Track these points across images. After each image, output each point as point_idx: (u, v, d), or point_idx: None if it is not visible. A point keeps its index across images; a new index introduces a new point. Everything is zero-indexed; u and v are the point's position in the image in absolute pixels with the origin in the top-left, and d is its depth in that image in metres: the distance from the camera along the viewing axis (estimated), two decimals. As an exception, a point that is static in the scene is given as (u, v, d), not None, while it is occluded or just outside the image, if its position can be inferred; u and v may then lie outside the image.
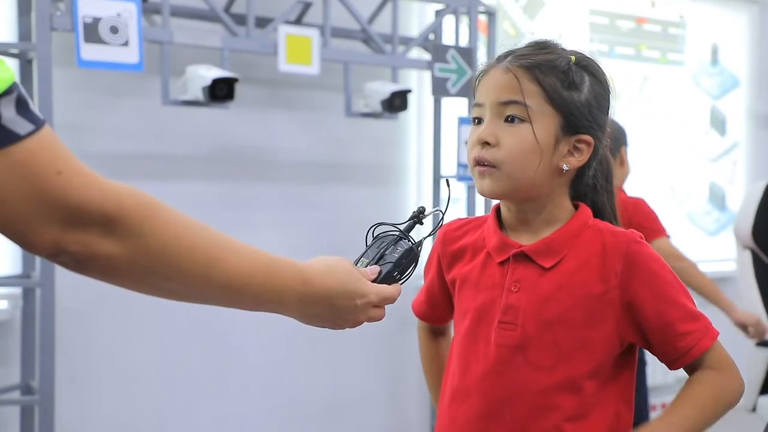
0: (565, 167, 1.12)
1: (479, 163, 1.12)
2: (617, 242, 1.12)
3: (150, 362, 2.89)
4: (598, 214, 1.20)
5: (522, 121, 1.10)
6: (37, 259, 2.54)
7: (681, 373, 1.17)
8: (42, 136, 0.70)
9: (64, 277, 2.37)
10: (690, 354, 1.12)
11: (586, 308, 1.11)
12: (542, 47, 1.14)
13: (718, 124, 4.33)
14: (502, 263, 1.17)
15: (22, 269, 2.66)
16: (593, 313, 1.11)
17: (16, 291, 2.66)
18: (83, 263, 0.76)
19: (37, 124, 0.70)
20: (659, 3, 4.10)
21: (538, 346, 1.12)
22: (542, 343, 1.12)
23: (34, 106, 0.71)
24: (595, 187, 1.20)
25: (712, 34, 4.27)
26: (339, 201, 3.24)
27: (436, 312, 1.35)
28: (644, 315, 1.11)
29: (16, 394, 2.62)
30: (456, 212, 3.13)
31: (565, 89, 1.11)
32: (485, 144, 1.11)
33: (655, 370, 3.94)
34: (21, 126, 0.69)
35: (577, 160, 1.13)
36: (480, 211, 3.21)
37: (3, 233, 0.73)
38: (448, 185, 1.11)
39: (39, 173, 0.70)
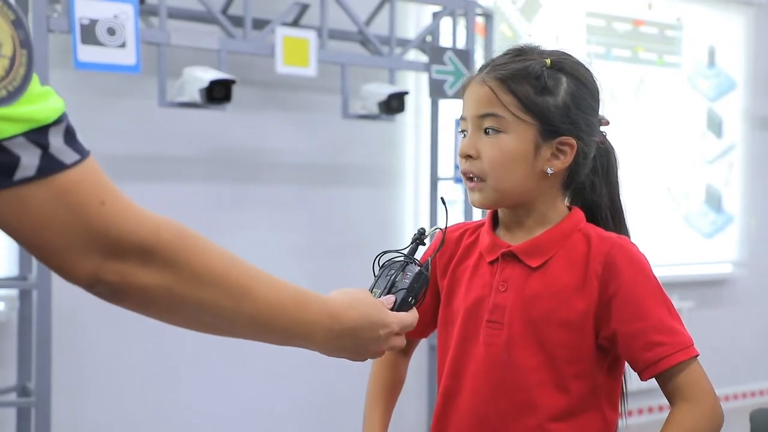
0: (549, 171, 1.13)
1: (467, 176, 1.16)
2: (601, 246, 1.13)
3: (146, 364, 2.89)
4: (593, 213, 1.20)
5: (499, 131, 1.12)
6: (34, 261, 2.54)
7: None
8: (86, 166, 0.71)
9: (60, 280, 2.36)
10: (658, 365, 1.08)
11: (570, 310, 1.12)
12: (518, 54, 1.15)
13: (715, 126, 4.33)
14: (492, 263, 1.19)
15: (19, 271, 2.65)
16: (577, 316, 1.12)
17: (13, 293, 2.66)
18: (119, 294, 0.77)
19: (83, 154, 0.71)
20: (656, 5, 4.11)
21: (524, 346, 1.13)
22: (527, 342, 1.13)
23: (80, 137, 0.71)
24: (592, 185, 1.20)
25: (709, 37, 4.28)
26: (336, 203, 3.24)
27: (421, 318, 1.27)
28: (617, 319, 1.10)
29: (12, 396, 2.62)
30: (454, 213, 3.12)
31: (539, 95, 1.11)
32: (468, 157, 1.14)
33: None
34: (68, 155, 0.69)
35: (561, 163, 1.14)
36: (477, 212, 3.21)
37: (43, 261, 0.74)
38: (444, 204, 1.12)
39: (82, 203, 0.70)
